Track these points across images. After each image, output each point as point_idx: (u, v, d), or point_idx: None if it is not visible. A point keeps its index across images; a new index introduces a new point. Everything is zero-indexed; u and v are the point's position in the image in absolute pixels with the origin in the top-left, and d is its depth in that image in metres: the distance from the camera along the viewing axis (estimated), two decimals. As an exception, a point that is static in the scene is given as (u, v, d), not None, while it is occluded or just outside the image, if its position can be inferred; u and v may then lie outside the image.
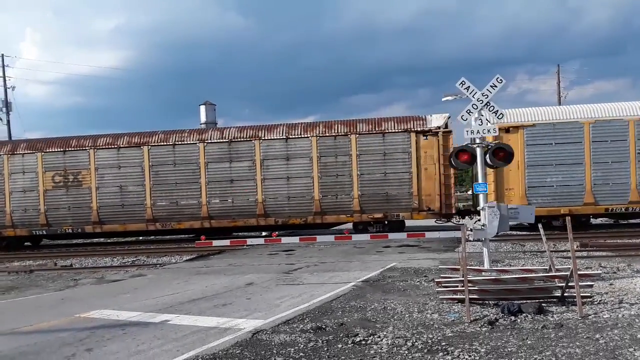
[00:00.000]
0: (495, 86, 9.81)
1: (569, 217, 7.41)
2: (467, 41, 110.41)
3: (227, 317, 7.86)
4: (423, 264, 12.66)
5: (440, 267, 11.22)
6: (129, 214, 20.55)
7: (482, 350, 5.74)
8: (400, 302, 8.39)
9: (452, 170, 19.16)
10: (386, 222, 19.77)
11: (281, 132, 20.18)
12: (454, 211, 19.52)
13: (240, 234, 22.95)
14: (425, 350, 5.81)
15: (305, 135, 20.01)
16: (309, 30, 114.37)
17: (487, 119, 9.90)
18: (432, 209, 19.32)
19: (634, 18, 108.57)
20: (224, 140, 20.32)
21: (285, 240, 19.40)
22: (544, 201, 18.42)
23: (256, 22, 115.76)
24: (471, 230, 9.40)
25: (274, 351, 6.03)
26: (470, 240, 9.72)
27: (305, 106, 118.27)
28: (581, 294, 7.18)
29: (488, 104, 9.83)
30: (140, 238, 23.99)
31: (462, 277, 7.44)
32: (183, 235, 21.98)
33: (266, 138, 20.16)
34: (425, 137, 19.35)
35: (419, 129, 19.41)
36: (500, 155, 10.00)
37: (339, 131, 19.95)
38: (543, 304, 7.48)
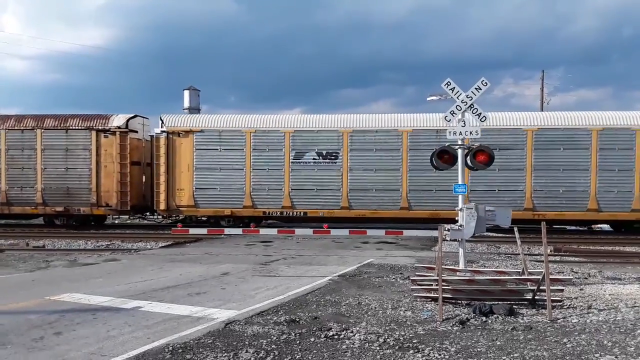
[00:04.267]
0: (480, 89, 9.88)
1: (544, 222, 7.52)
2: (457, 41, 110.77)
3: (200, 306, 7.80)
4: (400, 261, 12.75)
5: (416, 265, 11.31)
6: None
7: (452, 349, 5.81)
8: (374, 298, 8.43)
9: (129, 169, 20.36)
10: (71, 215, 20.76)
11: None
12: (129, 208, 20.61)
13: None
14: (397, 347, 5.86)
15: None
16: (300, 20, 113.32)
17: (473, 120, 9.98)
18: (110, 204, 20.40)
19: (621, 28, 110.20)
20: None
21: (263, 231, 19.44)
22: (210, 202, 19.87)
23: (248, 9, 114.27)
24: (449, 230, 9.48)
25: (246, 342, 6.01)
26: (447, 240, 9.82)
27: (294, 96, 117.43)
28: (551, 298, 7.31)
29: (472, 106, 9.90)
30: (116, 222, 23.71)
31: (437, 276, 7.51)
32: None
33: None
34: (106, 136, 20.33)
35: (100, 128, 20.38)
36: (481, 157, 10.10)
37: (27, 125, 20.66)
38: (514, 306, 7.59)
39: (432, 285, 8.13)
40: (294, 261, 12.87)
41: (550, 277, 7.49)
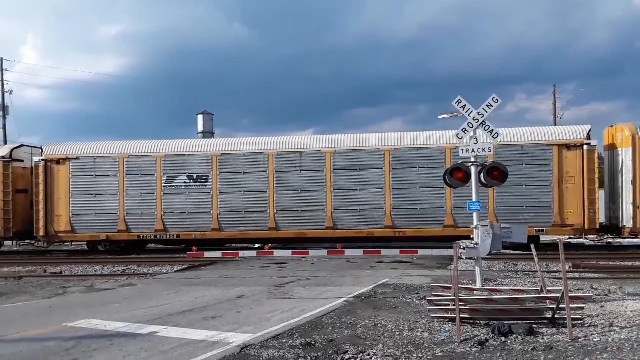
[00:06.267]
0: (491, 105, 9.87)
1: (561, 239, 7.42)
2: (469, 58, 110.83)
3: (216, 330, 7.79)
4: (415, 281, 12.62)
5: (432, 285, 11.19)
6: None
7: (472, 371, 5.70)
8: (391, 319, 8.34)
9: (11, 197, 21.12)
10: None
11: None
12: (12, 234, 21.21)
13: (232, 245, 22.84)
14: (415, 370, 5.77)
15: None
16: (312, 43, 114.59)
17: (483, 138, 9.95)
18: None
19: (634, 40, 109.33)
20: None
21: (277, 253, 19.38)
22: (87, 227, 20.37)
23: (260, 34, 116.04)
24: (464, 248, 9.39)
25: (262, 367, 5.97)
26: (462, 259, 9.72)
27: (307, 117, 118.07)
28: (572, 316, 7.16)
29: (483, 123, 9.88)
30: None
31: (454, 296, 7.42)
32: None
33: None
34: None
35: None
36: (495, 174, 10.02)
37: None
38: (534, 325, 7.45)
39: (449, 305, 8.03)
40: (309, 282, 12.81)
41: (570, 294, 7.35)
